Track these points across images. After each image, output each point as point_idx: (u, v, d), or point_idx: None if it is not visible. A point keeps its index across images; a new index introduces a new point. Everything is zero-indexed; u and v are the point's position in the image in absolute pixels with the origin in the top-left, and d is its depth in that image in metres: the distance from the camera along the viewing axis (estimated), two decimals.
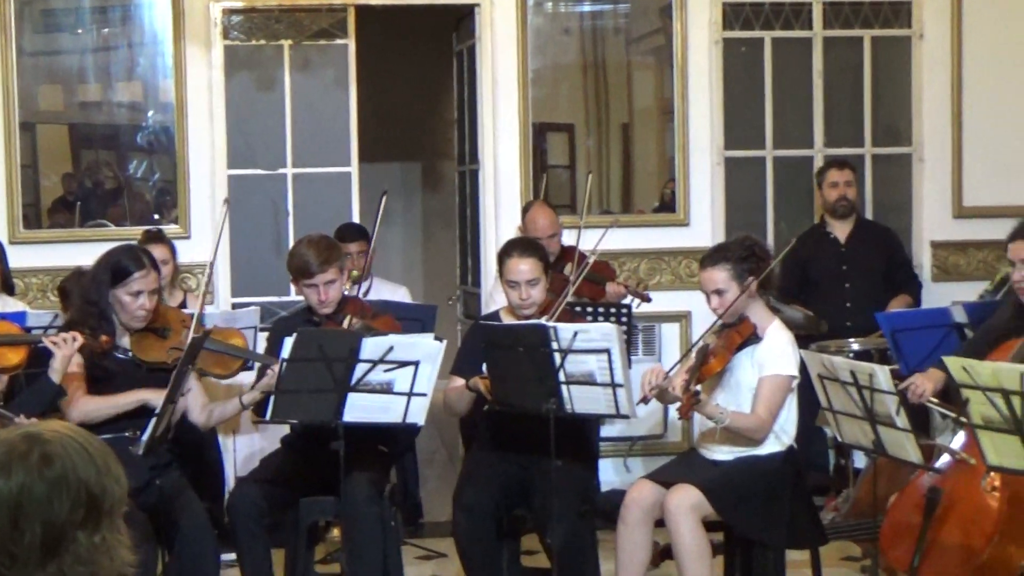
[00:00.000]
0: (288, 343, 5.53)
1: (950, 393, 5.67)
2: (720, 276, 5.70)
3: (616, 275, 7.91)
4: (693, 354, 5.74)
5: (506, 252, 6.20)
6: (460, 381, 6.14)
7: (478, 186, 8.71)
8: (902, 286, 8.26)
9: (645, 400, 5.61)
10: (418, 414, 5.64)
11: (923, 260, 8.83)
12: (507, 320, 6.18)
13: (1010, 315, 5.75)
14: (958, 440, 5.53)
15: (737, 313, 5.72)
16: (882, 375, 5.05)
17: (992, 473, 5.12)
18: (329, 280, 6.04)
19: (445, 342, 5.65)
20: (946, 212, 8.83)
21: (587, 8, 8.89)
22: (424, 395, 5.61)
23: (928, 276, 8.79)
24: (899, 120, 8.89)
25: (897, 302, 8.05)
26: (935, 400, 5.61)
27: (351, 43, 8.35)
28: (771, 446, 5.75)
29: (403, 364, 5.55)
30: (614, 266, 8.09)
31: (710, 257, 5.80)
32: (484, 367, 5.92)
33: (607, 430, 8.04)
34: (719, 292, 5.71)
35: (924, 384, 5.74)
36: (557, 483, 5.64)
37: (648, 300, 7.61)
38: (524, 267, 6.07)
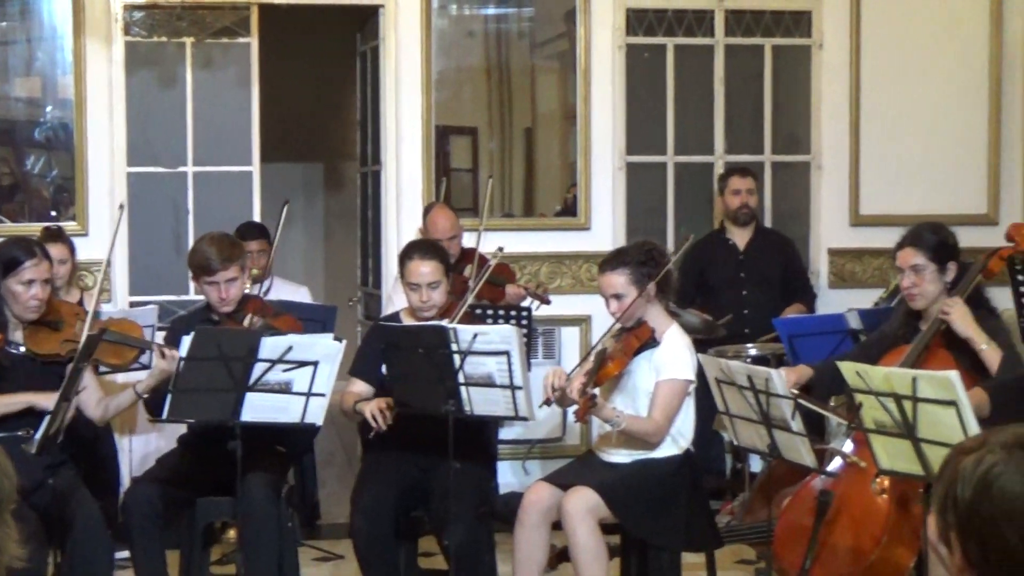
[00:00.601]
0: (186, 341, 5.50)
1: (814, 390, 5.74)
2: (619, 280, 5.74)
3: (516, 277, 7.94)
4: (592, 357, 5.77)
5: (407, 254, 6.20)
6: (359, 383, 6.13)
7: (380, 187, 8.69)
8: (797, 294, 8.34)
9: (548, 402, 5.64)
10: (317, 415, 5.62)
11: (820, 267, 8.93)
12: (407, 322, 6.18)
13: (902, 321, 5.82)
14: (850, 444, 5.60)
15: (635, 317, 5.76)
16: (778, 379, 5.10)
17: (881, 476, 5.18)
18: (230, 278, 6.02)
19: (345, 342, 5.64)
20: (843, 220, 8.93)
21: (492, 11, 8.90)
22: (323, 395, 5.59)
23: (825, 283, 8.89)
24: (798, 128, 8.99)
25: (791, 310, 8.11)
26: (796, 392, 5.63)
27: (254, 42, 8.31)
28: (668, 449, 5.79)
29: (302, 364, 5.53)
30: (514, 269, 8.12)
31: (609, 261, 5.83)
32: (384, 382, 5.94)
33: (506, 432, 8.06)
34: (618, 296, 5.75)
35: (788, 376, 5.77)
36: (455, 485, 5.65)
37: (548, 302, 7.65)
38: (425, 269, 6.08)
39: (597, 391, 5.54)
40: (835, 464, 5.59)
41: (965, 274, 5.70)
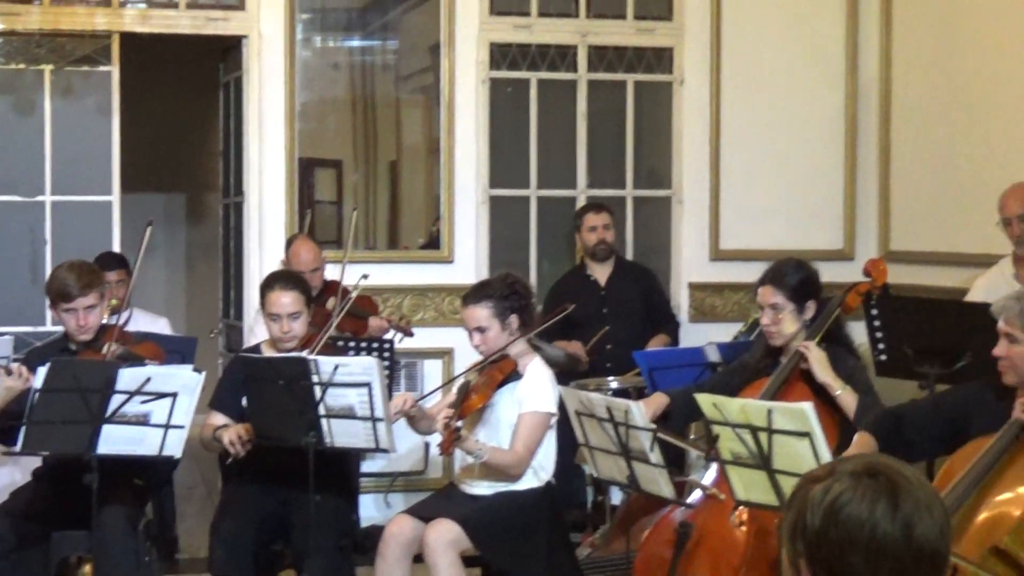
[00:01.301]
0: (42, 372, 5.41)
1: (671, 419, 5.80)
2: (482, 313, 5.77)
3: (379, 310, 7.92)
4: (455, 390, 5.78)
5: (267, 285, 6.18)
6: (219, 415, 6.08)
7: (243, 219, 8.63)
8: (660, 326, 8.41)
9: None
10: (175, 447, 5.57)
11: (681, 301, 9.02)
12: (268, 353, 6.15)
13: (761, 355, 5.90)
14: (710, 476, 5.65)
15: (499, 350, 5.78)
16: (637, 411, 5.13)
17: (740, 508, 5.24)
18: (89, 305, 5.95)
19: (204, 374, 5.59)
20: (703, 254, 9.03)
21: (356, 44, 8.91)
22: (182, 427, 5.53)
23: (686, 317, 8.98)
24: (660, 163, 9.08)
25: (655, 341, 8.18)
26: (653, 426, 5.69)
27: (115, 70, 8.23)
28: (529, 481, 5.81)
29: (160, 396, 5.47)
30: (378, 301, 8.11)
31: (472, 295, 5.86)
32: (244, 414, 5.90)
33: (368, 465, 8.03)
34: (481, 329, 5.77)
35: (645, 409, 5.80)
36: (316, 517, 5.62)
37: (410, 335, 7.65)
38: (285, 300, 6.06)
39: (461, 424, 5.56)
40: (694, 496, 5.64)
41: (823, 310, 5.79)
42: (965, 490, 4.46)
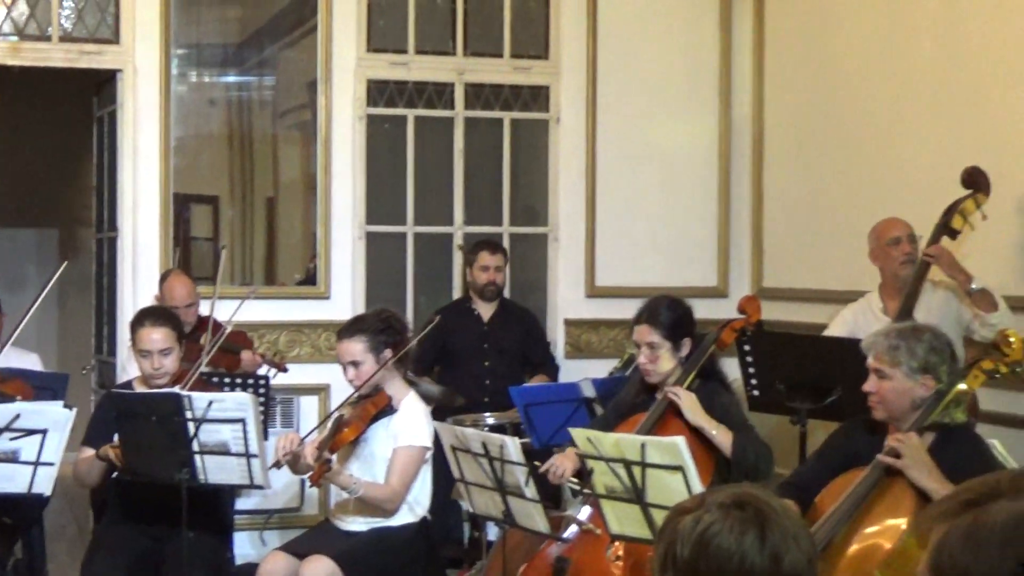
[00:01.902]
0: None
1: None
2: (357, 348, 5.77)
3: (253, 344, 7.87)
4: (328, 424, 5.76)
5: (138, 321, 6.13)
6: (92, 452, 6.00)
7: (116, 254, 8.54)
8: (539, 366, 8.43)
9: (278, 464, 5.60)
10: (45, 484, 5.49)
11: (558, 337, 9.06)
12: (140, 390, 6.08)
13: (636, 391, 5.94)
14: (586, 511, 5.67)
15: (373, 385, 5.78)
16: (512, 446, 5.15)
17: (616, 542, 5.27)
18: None
19: (75, 410, 5.52)
20: (579, 291, 9.09)
21: (233, 79, 8.87)
22: (52, 464, 5.46)
23: (562, 353, 9.02)
24: (536, 200, 9.13)
25: (535, 380, 8.20)
26: (575, 480, 5.75)
27: None
28: (404, 517, 5.81)
29: (30, 432, 5.39)
30: (253, 337, 8.06)
31: (347, 329, 5.86)
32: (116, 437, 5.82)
33: (243, 502, 7.95)
34: (355, 364, 5.77)
35: (563, 464, 5.83)
36: (189, 555, 5.57)
37: (284, 370, 7.62)
38: (156, 336, 6.01)
39: (333, 457, 5.54)
40: (570, 531, 5.66)
41: (699, 347, 5.85)
42: (836, 523, 4.54)
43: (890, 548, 4.48)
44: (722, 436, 5.51)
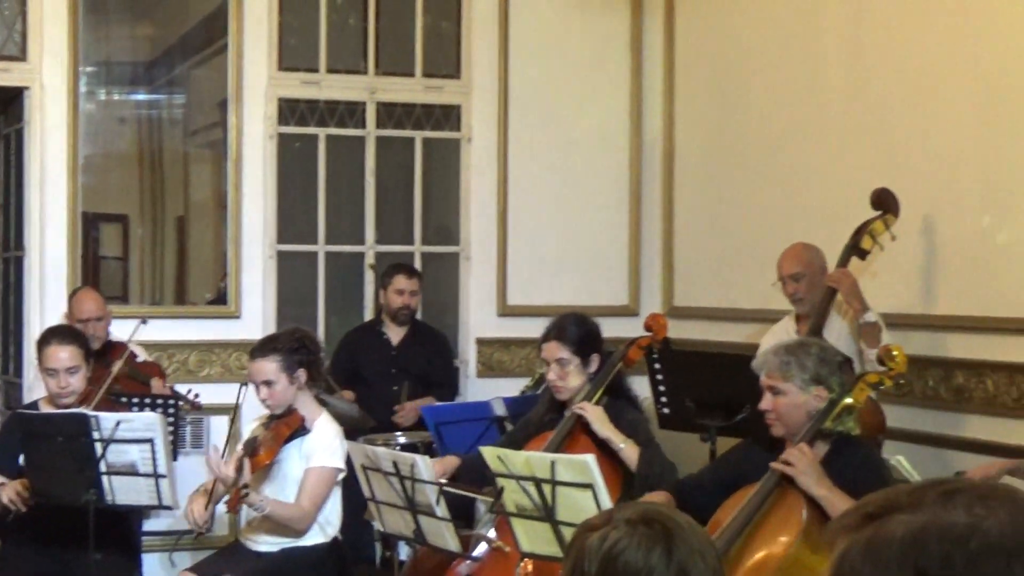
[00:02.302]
0: None
1: (461, 479, 5.83)
2: (270, 367, 5.74)
3: (164, 375, 7.77)
4: (240, 446, 5.73)
5: (44, 340, 6.07)
6: None
7: (23, 274, 8.44)
8: (435, 387, 8.31)
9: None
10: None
11: (469, 356, 9.06)
12: (46, 410, 6.02)
13: (545, 409, 5.96)
14: (493, 532, 5.68)
15: (286, 404, 5.75)
16: (423, 465, 5.15)
17: (526, 560, 5.28)
18: None
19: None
20: (491, 310, 9.09)
21: (143, 97, 8.81)
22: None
23: (474, 372, 9.02)
24: (448, 219, 9.13)
25: (423, 400, 8.05)
26: (449, 484, 5.72)
27: None
28: (315, 537, 5.79)
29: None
30: (160, 357, 8.00)
31: (260, 348, 5.83)
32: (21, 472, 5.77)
33: (153, 523, 7.89)
34: (268, 383, 5.74)
35: (435, 467, 5.83)
36: None
37: (199, 408, 7.57)
38: (63, 355, 5.95)
39: (248, 481, 5.51)
40: (480, 549, 5.67)
41: (607, 364, 5.88)
42: (729, 538, 4.60)
43: (783, 556, 4.55)
44: (629, 450, 5.54)
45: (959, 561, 1.56)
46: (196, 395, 7.61)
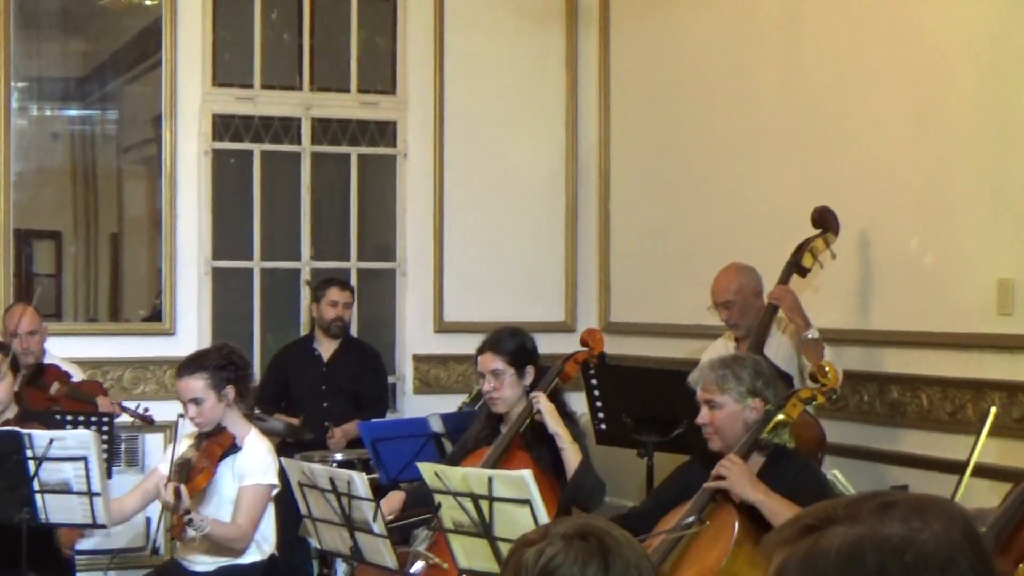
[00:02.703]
0: None
1: (408, 510, 5.84)
2: (198, 385, 5.69)
3: (107, 391, 7.71)
4: (173, 470, 5.66)
5: None
6: None
7: None
8: (367, 407, 8.24)
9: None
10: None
11: (406, 372, 9.04)
12: None
13: (484, 424, 5.96)
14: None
15: (215, 422, 5.72)
16: (360, 482, 5.12)
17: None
18: None
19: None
20: (428, 326, 9.08)
21: (75, 113, 8.75)
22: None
23: (410, 388, 9.01)
24: (385, 235, 9.12)
25: (348, 426, 8.02)
26: (397, 520, 5.74)
27: None
28: (252, 555, 5.76)
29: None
30: (96, 373, 7.94)
31: (187, 365, 5.77)
32: None
33: (85, 543, 7.81)
34: (197, 401, 5.69)
35: (384, 507, 5.85)
36: None
37: (151, 422, 7.52)
38: None
39: (188, 505, 5.45)
40: (418, 566, 5.65)
41: (543, 378, 5.88)
42: (665, 551, 4.62)
43: (715, 570, 4.57)
44: (571, 453, 5.56)
45: (894, 573, 1.57)
46: (146, 409, 7.56)
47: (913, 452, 6.56)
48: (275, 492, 5.76)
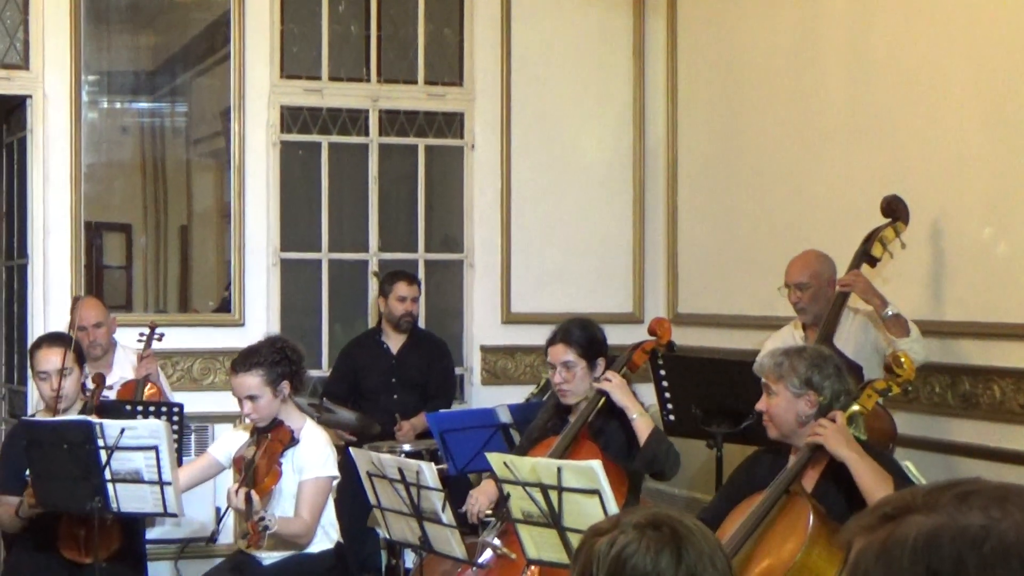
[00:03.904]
0: None
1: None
2: (253, 381, 5.69)
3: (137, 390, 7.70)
4: (241, 473, 5.68)
5: (36, 345, 6.14)
6: (10, 498, 5.90)
7: (26, 282, 8.43)
8: (432, 398, 8.23)
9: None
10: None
11: (474, 364, 9.05)
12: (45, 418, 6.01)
13: (551, 414, 5.95)
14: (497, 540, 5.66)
15: (271, 417, 5.72)
16: (428, 472, 5.13)
17: (532, 567, 5.26)
18: None
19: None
20: (495, 317, 9.08)
21: (145, 106, 8.81)
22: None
23: (478, 379, 9.01)
24: (452, 227, 9.12)
25: (416, 421, 8.02)
26: (490, 513, 5.75)
27: None
28: (321, 543, 5.78)
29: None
30: (167, 371, 7.99)
31: (241, 362, 5.76)
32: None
33: (157, 531, 7.87)
34: (252, 398, 5.69)
35: (479, 499, 5.87)
36: None
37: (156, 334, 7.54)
38: (54, 357, 5.94)
39: (265, 514, 5.46)
40: (486, 556, 5.65)
41: (611, 367, 5.87)
42: (739, 542, 4.59)
43: (789, 562, 4.54)
44: (642, 422, 5.57)
45: (971, 564, 1.55)
46: (153, 323, 7.57)
47: (985, 444, 6.50)
48: (336, 483, 5.77)
